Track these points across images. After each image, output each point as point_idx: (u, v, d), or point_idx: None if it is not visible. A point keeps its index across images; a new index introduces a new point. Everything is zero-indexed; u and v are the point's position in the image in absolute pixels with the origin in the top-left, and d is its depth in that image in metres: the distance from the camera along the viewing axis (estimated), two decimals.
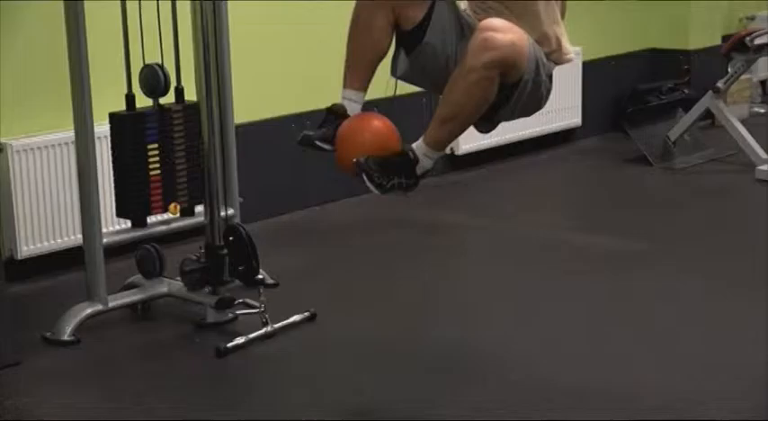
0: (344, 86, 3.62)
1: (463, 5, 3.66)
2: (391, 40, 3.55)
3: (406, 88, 3.68)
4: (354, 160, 3.36)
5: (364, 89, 3.61)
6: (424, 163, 3.41)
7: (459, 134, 3.50)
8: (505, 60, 3.28)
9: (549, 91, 3.61)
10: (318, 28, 5.62)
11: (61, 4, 3.87)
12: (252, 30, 5.21)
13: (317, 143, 3.56)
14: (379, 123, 3.49)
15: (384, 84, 3.55)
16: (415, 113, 5.26)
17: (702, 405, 3.42)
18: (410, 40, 3.53)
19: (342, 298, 4.45)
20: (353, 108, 3.57)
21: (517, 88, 3.40)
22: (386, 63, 3.58)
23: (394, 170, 3.39)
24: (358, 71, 3.59)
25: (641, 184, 6.27)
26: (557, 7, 3.62)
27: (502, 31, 3.30)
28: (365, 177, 3.35)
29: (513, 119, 3.59)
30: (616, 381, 3.61)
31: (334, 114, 3.58)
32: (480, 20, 3.44)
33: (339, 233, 5.30)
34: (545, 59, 3.52)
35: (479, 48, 3.27)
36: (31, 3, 4.52)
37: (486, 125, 3.58)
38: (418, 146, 3.41)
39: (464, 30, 3.56)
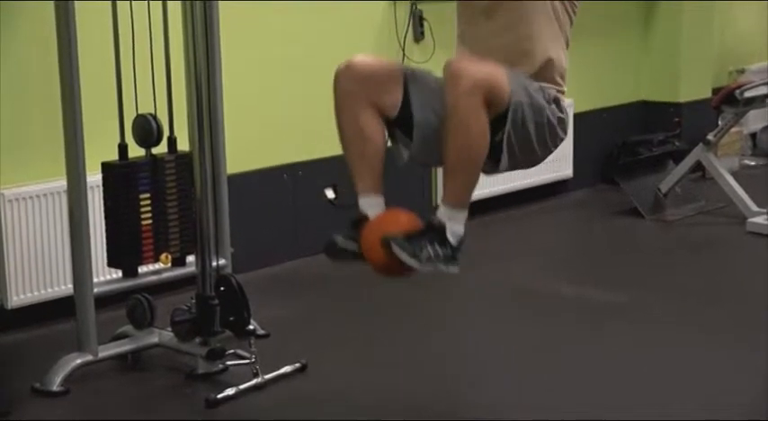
0: (359, 194, 3.53)
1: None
2: (384, 132, 3.50)
3: None
4: (381, 238, 3.28)
5: (380, 191, 3.53)
6: (453, 228, 3.33)
7: (473, 182, 3.38)
8: (481, 82, 3.22)
9: (561, 120, 3.56)
10: (311, 79, 5.64)
11: (56, 54, 3.88)
12: (245, 80, 5.23)
13: (343, 244, 3.45)
14: (400, 212, 3.43)
15: None
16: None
17: None
18: (401, 124, 3.50)
19: (333, 349, 4.43)
20: (376, 213, 3.49)
21: (509, 112, 3.35)
22: None
23: (422, 239, 3.28)
24: (366, 176, 3.52)
25: (632, 236, 6.27)
26: (561, 51, 3.58)
27: (467, 61, 3.28)
28: (397, 250, 3.24)
29: (534, 155, 3.55)
30: None
31: (359, 222, 3.47)
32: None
33: (330, 284, 5.28)
34: (536, 84, 3.48)
35: (451, 82, 3.22)
36: (26, 51, 4.54)
37: (492, 166, 3.47)
38: (439, 211, 3.34)
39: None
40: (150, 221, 4.13)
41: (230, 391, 3.88)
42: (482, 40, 3.53)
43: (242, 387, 3.92)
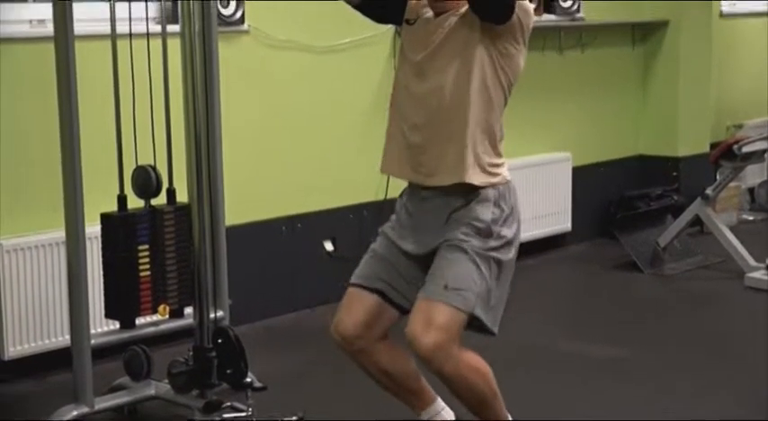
0: (420, 413, 3.71)
1: None
2: (405, 359, 3.62)
3: (397, 190, 3.69)
4: None
5: (433, 398, 3.72)
6: None
7: (500, 410, 3.58)
8: (444, 341, 3.35)
9: (508, 242, 3.53)
10: (310, 131, 5.67)
11: (56, 105, 3.90)
12: (245, 132, 5.25)
13: None
14: None
15: (375, 186, 3.57)
16: None
17: None
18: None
19: (331, 402, 4.41)
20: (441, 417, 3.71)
21: (481, 312, 3.45)
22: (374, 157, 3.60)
23: None
24: (414, 399, 3.70)
25: (631, 290, 6.27)
26: (489, 127, 3.49)
27: (419, 332, 3.36)
28: None
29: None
30: None
31: None
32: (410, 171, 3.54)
33: (328, 336, 5.26)
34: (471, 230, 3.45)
35: (425, 361, 3.37)
36: (26, 102, 4.56)
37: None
38: None
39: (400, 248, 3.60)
40: (148, 272, 4.12)
41: None
42: (415, 102, 3.53)
43: None
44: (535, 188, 6.62)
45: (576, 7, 6.92)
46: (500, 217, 3.47)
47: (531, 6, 3.50)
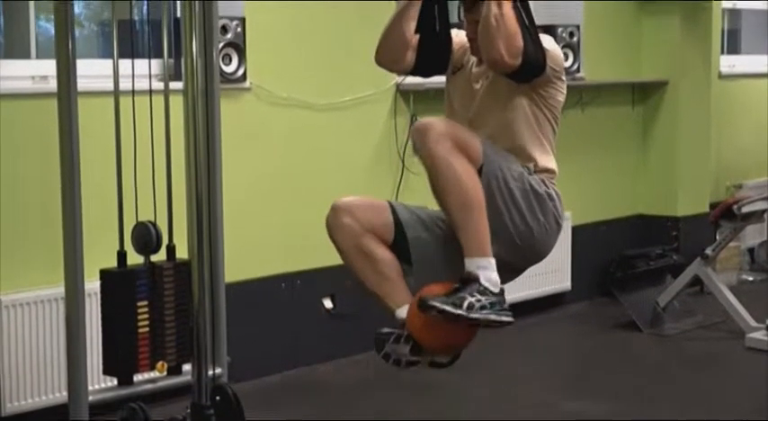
0: (396, 310, 3.59)
1: None
2: (389, 249, 3.60)
3: None
4: (418, 300, 3.33)
5: (409, 300, 3.58)
6: (486, 275, 3.37)
7: (483, 225, 3.43)
8: (447, 131, 3.38)
9: (549, 195, 3.67)
10: (310, 189, 5.68)
11: (56, 160, 3.91)
12: (245, 189, 5.27)
13: (389, 331, 3.53)
14: (433, 286, 3.45)
15: None
16: None
17: None
18: (398, 251, 3.60)
19: None
20: None
21: (483, 176, 3.44)
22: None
23: (459, 292, 3.32)
24: (394, 293, 3.60)
25: (630, 351, 6.25)
26: (545, 150, 3.67)
27: (431, 119, 3.43)
28: (439, 304, 3.28)
29: (531, 234, 3.62)
30: None
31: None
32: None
33: (328, 394, 5.25)
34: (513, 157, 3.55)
35: (419, 138, 3.41)
36: (27, 156, 4.57)
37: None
38: (467, 266, 3.37)
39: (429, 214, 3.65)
40: (147, 329, 4.10)
41: None
42: None
43: None
44: None
45: (576, 67, 6.96)
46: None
47: (557, 50, 3.64)
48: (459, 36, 3.83)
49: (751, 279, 7.89)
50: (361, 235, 3.58)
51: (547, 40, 3.70)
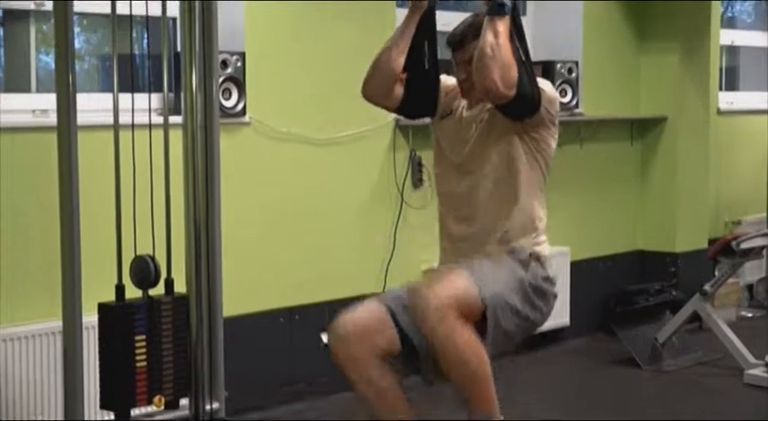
0: None
1: None
2: (393, 374, 3.62)
3: (395, 283, 3.69)
4: None
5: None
6: None
7: (490, 392, 3.54)
8: (447, 302, 3.37)
9: (545, 279, 3.64)
10: (309, 224, 5.68)
11: (55, 193, 3.91)
12: (244, 223, 5.26)
13: None
14: None
15: (374, 279, 3.59)
16: None
17: None
18: (409, 355, 3.62)
19: None
20: None
21: (488, 310, 3.46)
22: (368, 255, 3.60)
23: None
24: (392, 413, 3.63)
25: (629, 387, 6.23)
26: (533, 207, 3.68)
27: (425, 288, 3.41)
28: None
29: (529, 322, 3.66)
30: None
31: None
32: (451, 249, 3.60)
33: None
34: (507, 257, 3.56)
35: (420, 316, 3.40)
36: (27, 190, 4.57)
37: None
38: None
39: None
40: (145, 363, 4.09)
41: None
42: (457, 196, 3.70)
43: None
44: None
45: (575, 102, 6.98)
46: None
47: (554, 92, 3.65)
48: (448, 80, 3.83)
49: (750, 315, 7.87)
50: (369, 362, 3.58)
51: (543, 82, 3.71)
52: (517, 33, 3.58)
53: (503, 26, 3.48)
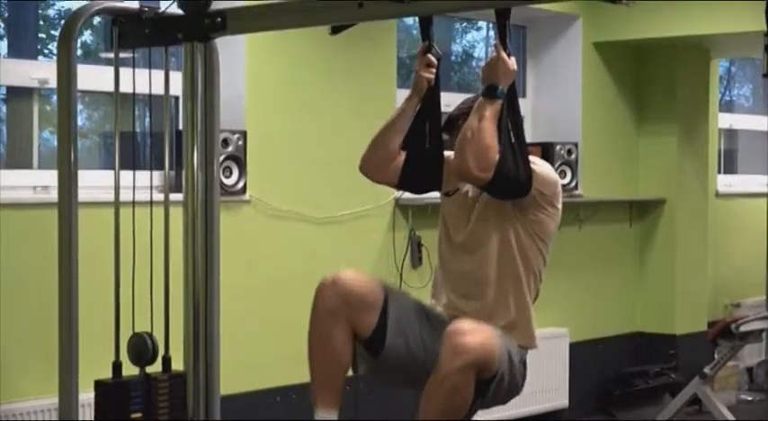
0: (317, 407, 3.76)
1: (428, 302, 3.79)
2: (352, 352, 3.67)
3: None
4: None
5: (338, 406, 3.72)
6: None
7: None
8: (478, 362, 3.40)
9: (524, 377, 3.68)
10: (308, 303, 5.66)
11: (54, 271, 3.91)
12: (242, 302, 5.26)
13: None
14: None
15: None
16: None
17: None
18: (371, 345, 3.65)
19: None
20: None
21: (493, 383, 3.46)
22: None
23: None
24: (327, 391, 3.74)
25: None
26: (528, 291, 3.71)
27: (470, 334, 3.41)
28: None
29: (490, 407, 3.63)
30: None
31: None
32: (450, 316, 3.55)
33: None
34: (516, 347, 3.60)
35: (450, 354, 3.39)
36: (26, 266, 4.57)
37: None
38: None
39: (430, 319, 3.66)
40: None
41: None
42: (458, 274, 3.75)
43: None
44: (532, 363, 6.54)
45: (574, 184, 7.01)
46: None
47: (551, 174, 3.66)
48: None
49: (750, 398, 7.83)
50: (339, 324, 3.65)
51: (540, 163, 3.73)
52: (512, 115, 3.59)
53: (490, 110, 3.53)
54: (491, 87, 3.56)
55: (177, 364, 4.22)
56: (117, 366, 4.09)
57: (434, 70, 3.77)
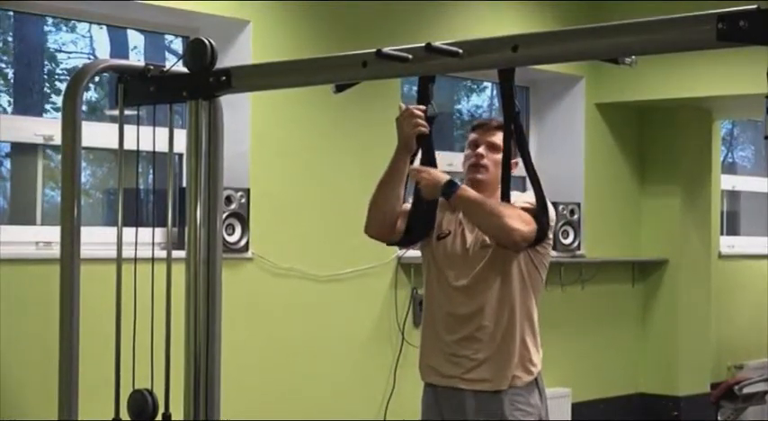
0: None
1: None
2: None
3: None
4: None
5: None
6: None
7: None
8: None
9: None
10: (309, 359, 5.65)
11: (56, 326, 3.91)
12: (244, 359, 5.25)
13: None
14: None
15: (373, 416, 3.56)
16: None
17: None
18: None
19: None
20: None
21: None
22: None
23: None
24: None
25: None
26: (537, 290, 3.74)
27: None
28: None
29: None
30: None
31: None
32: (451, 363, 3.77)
33: None
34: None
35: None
36: (28, 321, 4.57)
37: None
38: None
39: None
40: None
41: None
42: (460, 317, 3.78)
43: None
44: None
45: (576, 244, 7.01)
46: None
47: (549, 205, 3.67)
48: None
49: None
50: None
51: (528, 196, 3.72)
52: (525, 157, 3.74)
53: (466, 192, 3.62)
54: (444, 191, 3.60)
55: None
56: None
57: (425, 125, 3.76)
